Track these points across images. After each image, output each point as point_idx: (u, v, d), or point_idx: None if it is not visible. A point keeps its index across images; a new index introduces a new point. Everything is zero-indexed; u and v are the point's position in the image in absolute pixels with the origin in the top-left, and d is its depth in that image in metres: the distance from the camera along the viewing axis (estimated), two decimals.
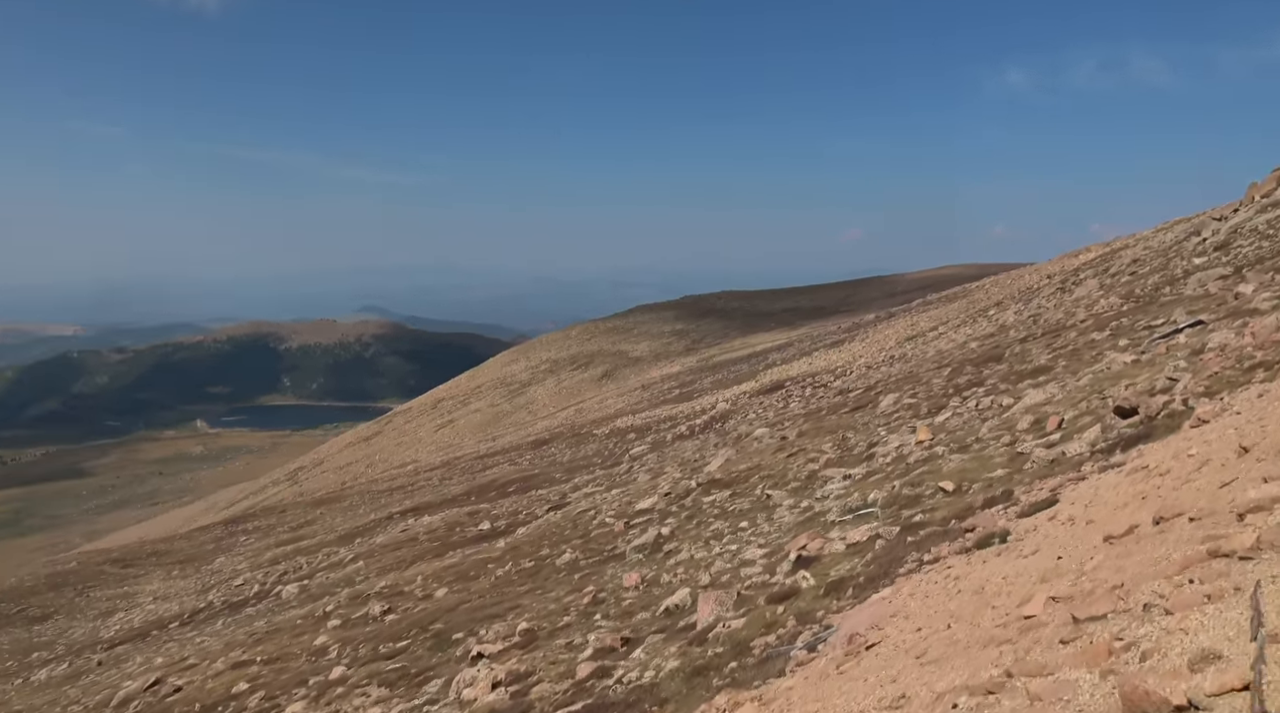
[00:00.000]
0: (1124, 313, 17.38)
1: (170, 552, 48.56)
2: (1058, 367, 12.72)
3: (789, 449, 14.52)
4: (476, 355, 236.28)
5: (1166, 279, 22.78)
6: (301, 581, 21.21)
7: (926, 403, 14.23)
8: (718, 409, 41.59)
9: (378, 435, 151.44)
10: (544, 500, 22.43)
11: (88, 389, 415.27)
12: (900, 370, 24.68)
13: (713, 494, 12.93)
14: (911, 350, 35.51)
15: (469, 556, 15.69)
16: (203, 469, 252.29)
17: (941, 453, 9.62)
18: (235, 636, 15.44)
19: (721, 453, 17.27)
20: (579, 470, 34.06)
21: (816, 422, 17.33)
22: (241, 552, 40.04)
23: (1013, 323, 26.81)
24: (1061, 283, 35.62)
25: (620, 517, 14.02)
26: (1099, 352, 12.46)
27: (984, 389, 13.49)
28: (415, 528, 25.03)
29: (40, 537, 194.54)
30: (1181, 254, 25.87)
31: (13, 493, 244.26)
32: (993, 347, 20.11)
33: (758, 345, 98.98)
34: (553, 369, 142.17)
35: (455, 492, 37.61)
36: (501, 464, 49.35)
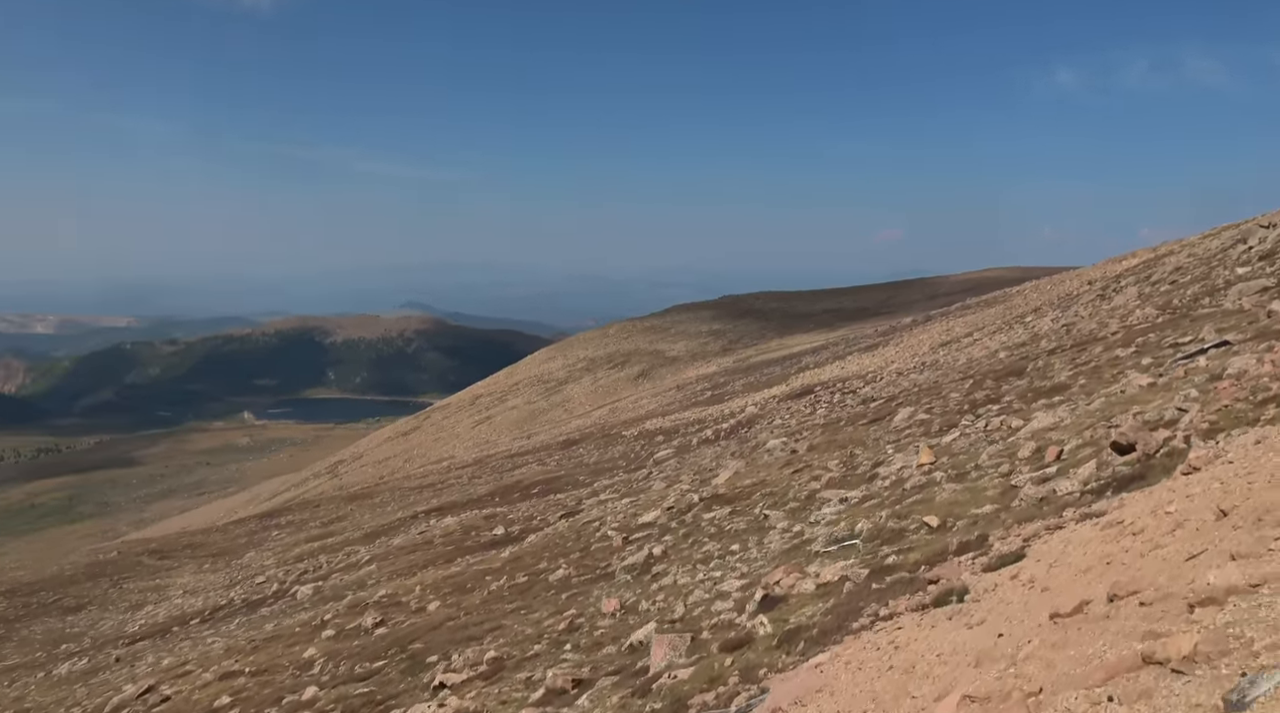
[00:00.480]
0: (1156, 326, 16.64)
1: (205, 544, 49.38)
2: (1075, 386, 12.16)
3: (796, 464, 14.14)
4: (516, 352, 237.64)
5: (1206, 290, 21.86)
6: (317, 582, 21.31)
7: (940, 419, 13.74)
8: (746, 413, 41.11)
9: (416, 431, 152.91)
10: (560, 506, 22.25)
11: (140, 380, 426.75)
12: (926, 379, 24.04)
13: (713, 510, 12.62)
14: (944, 357, 34.71)
15: (472, 565, 15.57)
16: (248, 460, 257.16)
17: (939, 479, 9.20)
18: (239, 639, 15.50)
19: (732, 464, 16.90)
20: (602, 474, 33.86)
21: (831, 434, 16.87)
22: (271, 547, 40.53)
23: (1046, 332, 25.99)
24: (1102, 290, 34.53)
25: (622, 530, 13.77)
26: (1120, 371, 11.87)
27: (998, 407, 12.96)
28: (433, 531, 25.04)
29: (91, 524, 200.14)
30: (1225, 263, 24.84)
31: (67, 480, 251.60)
32: (1020, 358, 19.44)
33: (794, 347, 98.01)
34: (589, 367, 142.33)
35: (480, 492, 37.66)
36: (530, 464, 49.38)
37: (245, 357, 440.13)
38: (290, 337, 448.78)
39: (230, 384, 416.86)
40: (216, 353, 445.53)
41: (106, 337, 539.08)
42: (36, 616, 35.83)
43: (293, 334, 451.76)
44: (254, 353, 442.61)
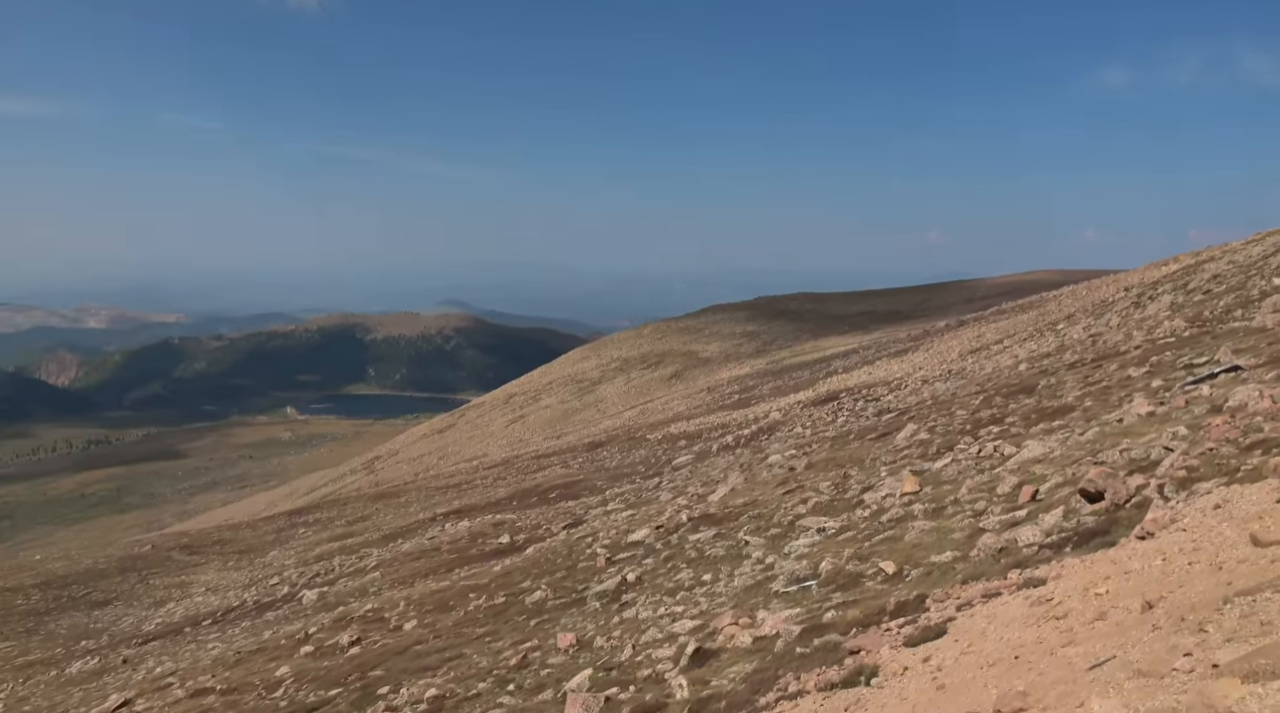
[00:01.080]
0: (1178, 342, 15.92)
1: (234, 540, 50.04)
2: (1079, 409, 11.61)
3: (790, 484, 13.73)
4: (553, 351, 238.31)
5: (1240, 301, 20.95)
6: (323, 587, 21.32)
7: (940, 440, 13.23)
8: (770, 419, 40.59)
9: (451, 428, 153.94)
10: (568, 515, 22.04)
11: (187, 374, 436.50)
12: (945, 390, 23.39)
13: (700, 532, 12.27)
14: (970, 365, 33.89)
15: (463, 579, 15.39)
16: (290, 455, 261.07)
17: (916, 513, 8.78)
18: (231, 649, 15.50)
19: (732, 480, 16.52)
20: (620, 479, 33.61)
21: (836, 449, 16.40)
22: (295, 546, 40.90)
23: (1073, 342, 25.16)
24: (1136, 297, 33.45)
25: (610, 549, 13.47)
26: (1127, 393, 11.30)
27: (998, 429, 12.44)
28: (442, 537, 24.99)
29: (137, 514, 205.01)
30: (1263, 272, 23.83)
31: (116, 471, 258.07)
32: (1039, 371, 18.76)
33: (828, 350, 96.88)
34: (623, 368, 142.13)
35: (500, 495, 37.62)
36: (554, 466, 49.31)
37: (288, 353, 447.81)
38: (332, 333, 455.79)
39: (274, 379, 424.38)
40: (261, 349, 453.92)
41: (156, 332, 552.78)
42: (65, 609, 36.50)
43: (335, 331, 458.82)
44: (297, 349, 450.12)
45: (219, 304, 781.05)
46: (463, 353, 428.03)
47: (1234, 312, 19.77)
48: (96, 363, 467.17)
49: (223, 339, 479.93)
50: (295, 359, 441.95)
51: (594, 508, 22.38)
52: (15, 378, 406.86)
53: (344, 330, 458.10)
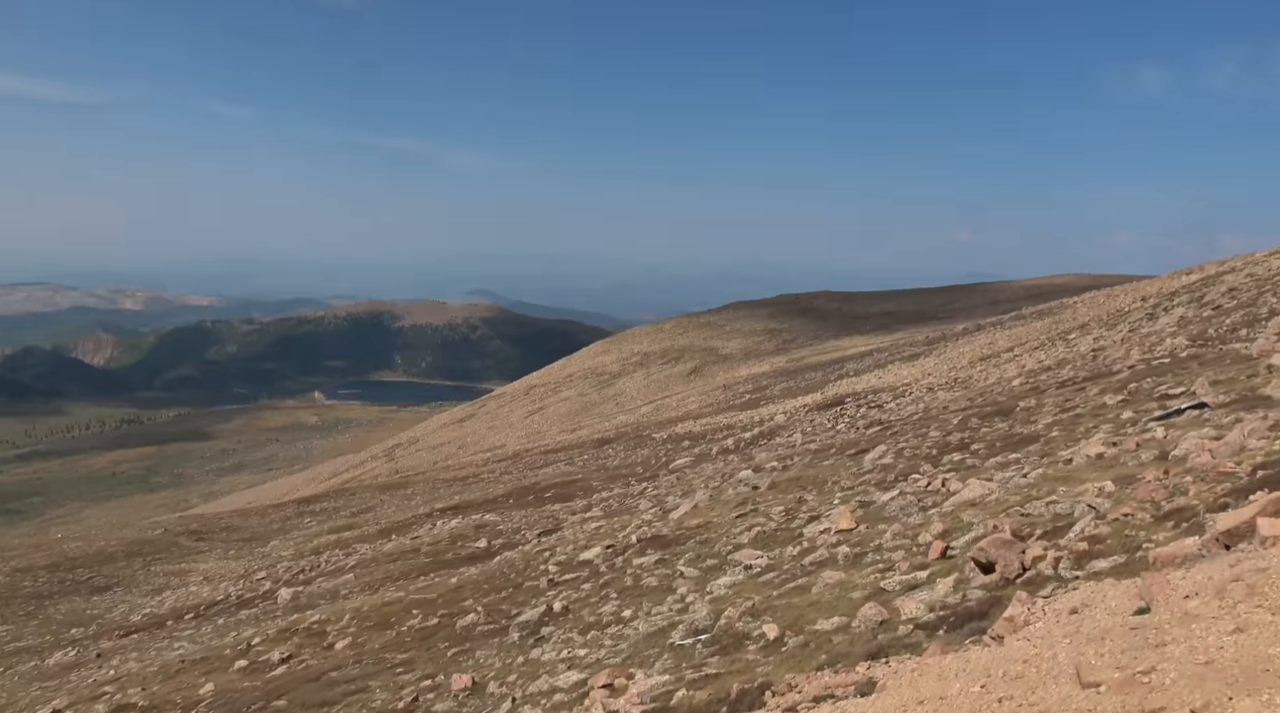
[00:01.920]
0: (1173, 364, 15.32)
1: (242, 528, 50.45)
2: (1040, 441, 11.16)
3: (748, 506, 13.36)
4: (578, 342, 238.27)
5: (1248, 319, 20.18)
6: (300, 587, 21.30)
7: (904, 464, 12.80)
8: (774, 421, 40.12)
9: (471, 418, 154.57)
10: (550, 520, 21.80)
11: (219, 357, 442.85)
12: (939, 402, 22.84)
13: (645, 556, 11.98)
14: (976, 374, 33.18)
15: (416, 592, 15.16)
16: (315, 439, 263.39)
17: (839, 558, 8.41)
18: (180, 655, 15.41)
19: (698, 495, 16.15)
20: (616, 480, 33.36)
21: (808, 467, 15.96)
22: (295, 536, 41.09)
23: (1075, 357, 24.45)
24: (1151, 309, 32.54)
25: (562, 566, 13.22)
26: (1095, 425, 10.83)
27: (960, 457, 12.00)
28: (426, 537, 24.89)
29: (166, 494, 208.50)
30: (1277, 289, 22.97)
31: (146, 451, 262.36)
32: (1030, 389, 18.19)
33: (848, 350, 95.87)
34: (643, 362, 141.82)
35: (498, 492, 37.51)
36: (559, 463, 49.17)
37: (317, 338, 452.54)
38: (361, 320, 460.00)
39: (303, 364, 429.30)
40: (291, 334, 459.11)
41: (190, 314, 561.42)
42: (68, 594, 36.90)
43: (363, 318, 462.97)
44: (326, 335, 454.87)
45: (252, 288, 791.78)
46: (489, 343, 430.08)
47: (1239, 331, 19.04)
48: (131, 344, 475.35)
49: (254, 323, 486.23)
50: (324, 345, 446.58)
51: (577, 512, 22.13)
52: (53, 357, 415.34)
53: (372, 317, 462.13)
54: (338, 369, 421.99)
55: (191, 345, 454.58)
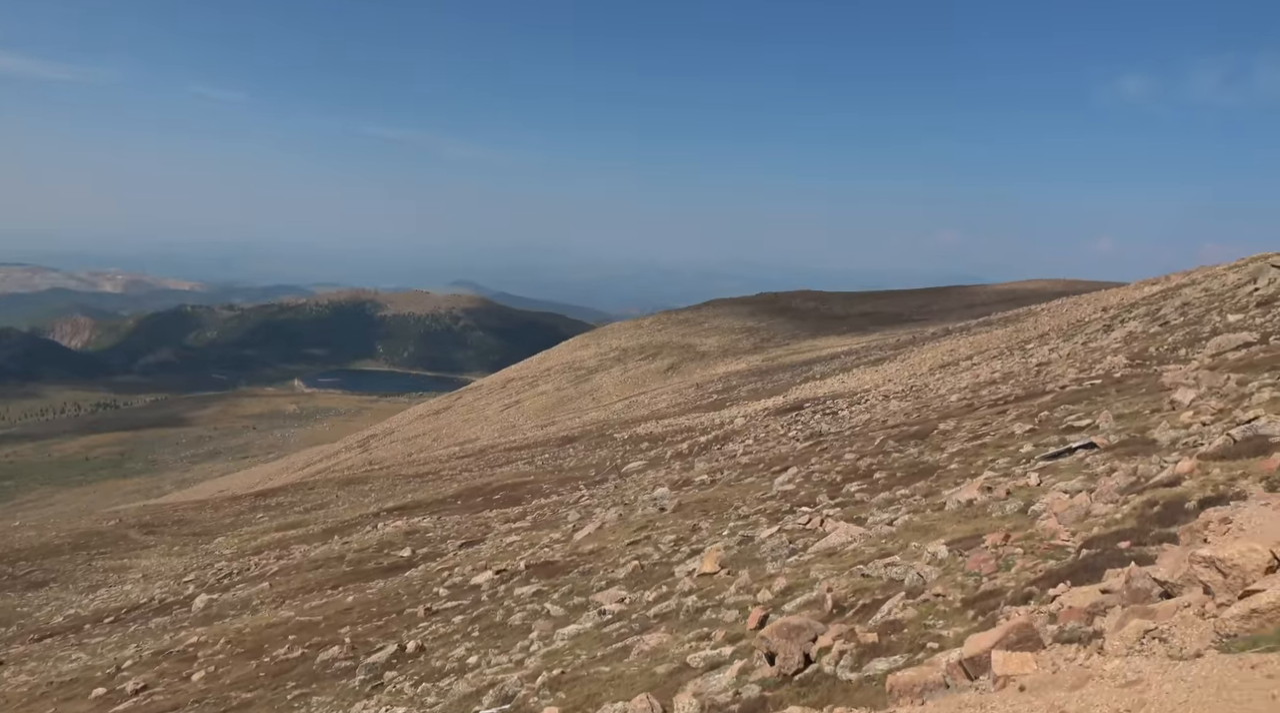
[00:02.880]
0: (1105, 385, 14.96)
1: (194, 521, 49.62)
2: (934, 475, 10.81)
3: (645, 532, 12.95)
4: (561, 335, 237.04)
5: (1189, 338, 19.88)
6: (219, 593, 20.69)
7: (805, 491, 12.41)
8: (732, 425, 39.73)
9: (447, 410, 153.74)
10: (480, 529, 21.27)
11: (198, 342, 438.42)
12: (880, 415, 22.47)
13: (529, 585, 11.55)
14: (932, 382, 32.89)
15: (304, 613, 14.64)
16: (292, 428, 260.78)
17: (681, 612, 8.05)
18: (70, 668, 14.83)
19: (609, 513, 15.68)
20: (565, 484, 32.87)
21: (724, 486, 15.55)
22: (243, 533, 40.35)
23: (1021, 370, 24.14)
24: (1109, 321, 32.31)
25: (452, 590, 12.78)
26: (993, 458, 10.47)
27: (855, 488, 11.65)
28: (356, 543, 24.31)
29: (139, 479, 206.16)
30: (1224, 307, 22.71)
31: (121, 436, 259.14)
32: (964, 406, 17.84)
33: (823, 350, 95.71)
34: (620, 358, 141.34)
35: (449, 492, 36.93)
36: (519, 461, 48.63)
37: (299, 325, 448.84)
38: (343, 308, 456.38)
39: (283, 351, 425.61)
40: (272, 320, 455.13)
41: (170, 298, 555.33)
42: (4, 589, 36.01)
43: (345, 306, 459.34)
44: (307, 322, 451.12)
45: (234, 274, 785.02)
46: (471, 334, 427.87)
47: (1178, 350, 18.72)
48: (110, 327, 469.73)
49: (235, 309, 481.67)
50: (305, 332, 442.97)
51: (510, 521, 21.60)
52: (29, 339, 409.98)
53: (355, 306, 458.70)
54: (318, 357, 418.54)
55: (171, 330, 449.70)
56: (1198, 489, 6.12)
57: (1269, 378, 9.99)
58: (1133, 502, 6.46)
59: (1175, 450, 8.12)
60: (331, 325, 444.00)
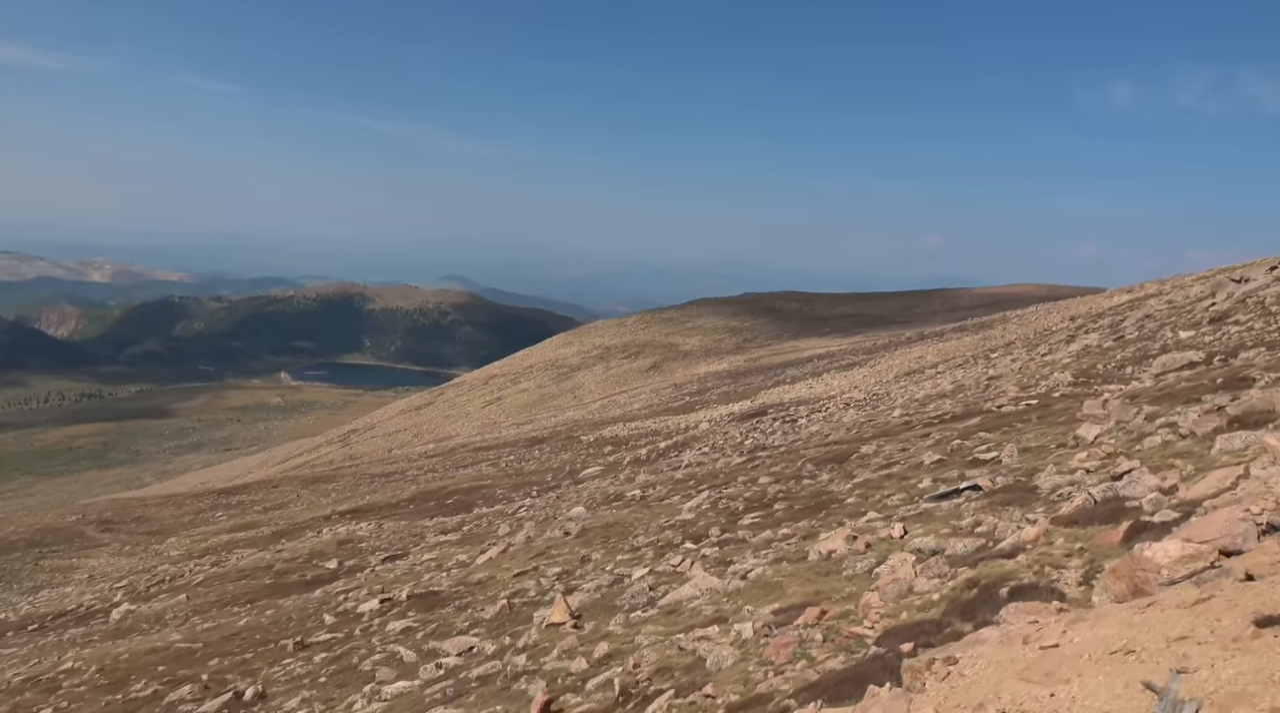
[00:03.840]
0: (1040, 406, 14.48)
1: (153, 519, 48.86)
2: (824, 511, 10.27)
3: (537, 562, 12.43)
4: (549, 331, 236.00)
5: (1138, 355, 19.42)
6: (140, 603, 20.04)
7: (702, 522, 11.88)
8: (696, 430, 39.24)
9: (429, 406, 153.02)
10: (415, 538, 20.69)
11: (186, 333, 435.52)
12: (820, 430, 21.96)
13: (404, 619, 10.99)
14: (893, 390, 32.44)
15: (191, 638, 14.03)
16: (276, 421, 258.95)
17: (500, 676, 7.49)
18: None
19: (519, 537, 15.09)
20: (519, 489, 32.31)
21: (641, 508, 15.01)
22: (197, 533, 39.65)
23: (973, 383, 23.68)
24: (1072, 332, 31.92)
25: (338, 619, 12.20)
26: (890, 493, 9.96)
27: (748, 522, 11.11)
28: (288, 551, 23.69)
29: (120, 470, 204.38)
30: (1178, 323, 22.26)
31: (105, 426, 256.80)
32: (902, 425, 17.36)
33: (804, 351, 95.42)
34: (603, 356, 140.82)
35: (404, 495, 36.32)
36: (484, 463, 48.03)
37: (286, 318, 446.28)
38: (331, 301, 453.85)
39: (270, 344, 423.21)
40: (259, 312, 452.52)
41: (158, 289, 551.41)
42: None
43: (334, 299, 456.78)
44: (295, 315, 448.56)
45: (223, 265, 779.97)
46: (459, 329, 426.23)
47: (1125, 368, 18.25)
48: (97, 316, 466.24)
49: (222, 301, 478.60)
50: (293, 325, 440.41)
51: (447, 531, 21.01)
52: (14, 327, 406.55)
53: (343, 299, 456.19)
54: (306, 350, 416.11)
55: (158, 321, 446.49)
56: (1025, 569, 5.57)
57: (1177, 413, 9.47)
58: (955, 581, 5.93)
59: (1044, 504, 7.58)
60: (319, 318, 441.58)
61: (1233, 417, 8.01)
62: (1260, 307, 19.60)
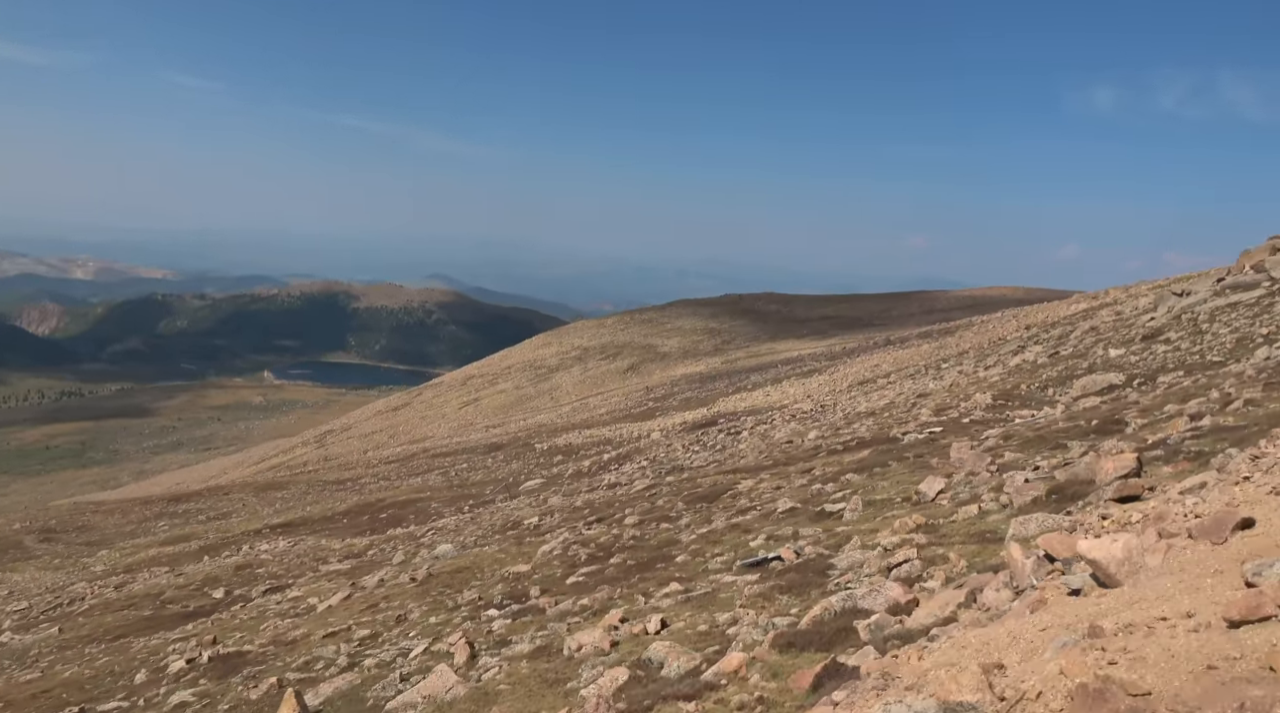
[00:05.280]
0: (934, 439, 13.59)
1: (97, 528, 47.65)
2: (646, 573, 9.22)
3: (351, 621, 11.38)
4: (533, 330, 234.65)
5: (1064, 375, 18.59)
6: (20, 634, 18.92)
7: (538, 574, 10.83)
8: (648, 439, 38.37)
9: (406, 407, 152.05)
10: (311, 566, 19.68)
11: (168, 331, 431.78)
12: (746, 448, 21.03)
13: (188, 690, 9.84)
14: (842, 401, 31.60)
15: (10, 688, 12.96)
16: (257, 420, 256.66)
17: None
18: None
19: (372, 578, 14.06)
20: (453, 503, 31.33)
21: (504, 548, 14.00)
22: (130, 545, 38.46)
23: (902, 401, 22.82)
24: (1023, 342, 31.15)
25: (150, 677, 11.12)
26: (718, 553, 9.00)
27: (572, 582, 9.98)
28: (188, 574, 22.63)
29: (97, 470, 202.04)
30: (1113, 340, 21.45)
31: (84, 425, 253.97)
32: (810, 450, 16.43)
33: (781, 353, 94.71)
34: (581, 357, 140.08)
35: (340, 509, 35.24)
36: (434, 472, 46.99)
37: (270, 316, 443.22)
38: (315, 300, 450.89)
39: (254, 342, 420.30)
40: (243, 311, 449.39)
41: (142, 286, 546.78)
42: None
43: (318, 297, 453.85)
44: (279, 313, 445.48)
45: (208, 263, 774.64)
46: (443, 328, 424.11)
47: (1047, 389, 17.42)
48: (79, 314, 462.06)
49: (206, 299, 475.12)
50: (277, 323, 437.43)
51: (345, 559, 19.98)
52: None
53: (328, 298, 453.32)
54: (290, 349, 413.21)
55: (141, 318, 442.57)
56: None
57: (1024, 467, 8.55)
58: None
59: (805, 601, 6.63)
60: (303, 317, 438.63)
61: (1053, 486, 7.09)
62: (1193, 324, 18.79)
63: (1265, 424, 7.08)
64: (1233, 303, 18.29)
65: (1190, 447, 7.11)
